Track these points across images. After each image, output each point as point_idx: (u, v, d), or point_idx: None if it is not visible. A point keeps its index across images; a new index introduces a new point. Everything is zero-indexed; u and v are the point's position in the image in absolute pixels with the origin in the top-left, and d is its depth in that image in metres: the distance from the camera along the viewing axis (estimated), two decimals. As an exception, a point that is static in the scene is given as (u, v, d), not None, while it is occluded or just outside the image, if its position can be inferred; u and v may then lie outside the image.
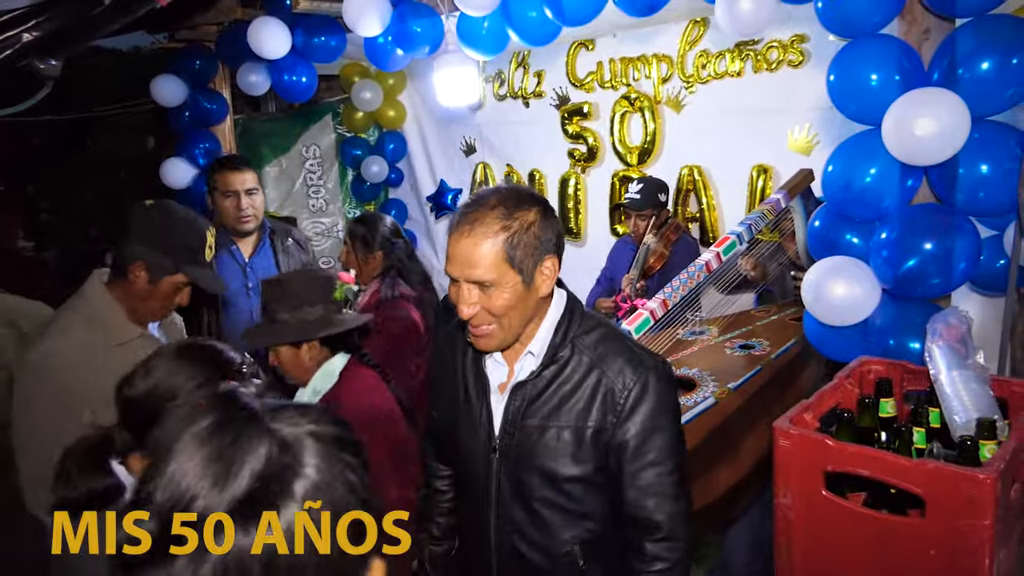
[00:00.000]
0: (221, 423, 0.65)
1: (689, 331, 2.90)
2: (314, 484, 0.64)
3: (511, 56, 4.16)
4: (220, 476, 0.61)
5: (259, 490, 0.61)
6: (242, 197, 3.00)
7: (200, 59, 4.08)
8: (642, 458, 1.43)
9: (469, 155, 4.62)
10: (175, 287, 2.04)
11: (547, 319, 1.50)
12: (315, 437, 0.67)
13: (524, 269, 1.39)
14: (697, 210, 3.64)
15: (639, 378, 1.43)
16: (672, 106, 3.63)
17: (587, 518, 1.48)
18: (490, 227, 1.37)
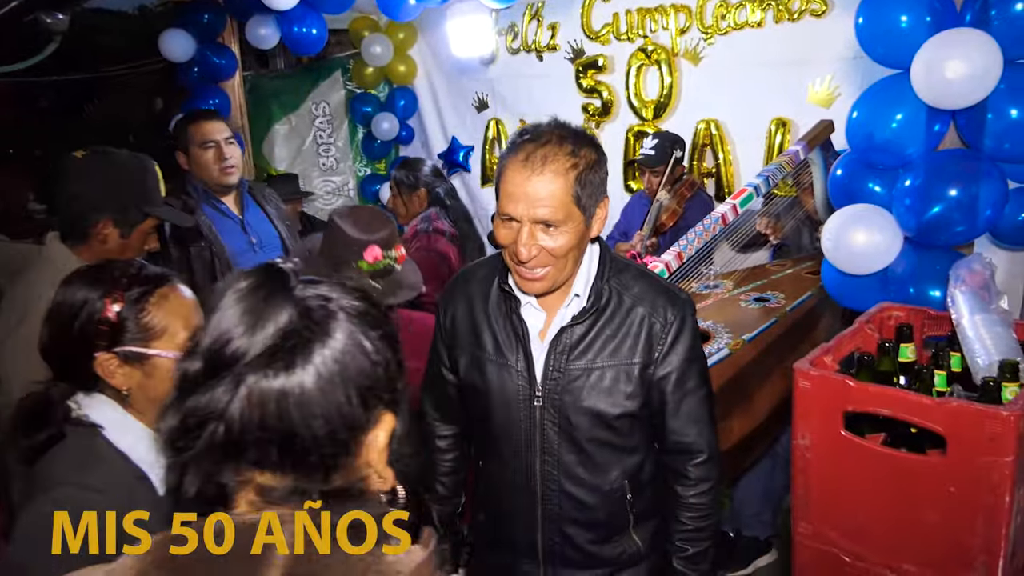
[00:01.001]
0: (256, 285, 0.75)
1: (703, 284, 2.88)
2: (334, 350, 0.74)
3: (524, 8, 4.07)
4: (250, 326, 0.73)
5: (282, 344, 0.72)
6: (223, 146, 2.78)
7: (208, 12, 4.02)
8: (684, 387, 1.48)
9: (481, 111, 4.56)
10: (144, 235, 1.97)
11: (586, 261, 1.50)
12: (344, 310, 0.77)
13: (587, 209, 1.37)
14: (713, 165, 3.59)
15: (678, 312, 1.48)
16: (690, 58, 3.56)
17: (634, 452, 1.53)
18: (562, 164, 1.33)
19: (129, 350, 1.25)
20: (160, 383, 1.27)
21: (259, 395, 0.71)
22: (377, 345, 0.78)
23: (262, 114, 4.88)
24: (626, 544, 1.56)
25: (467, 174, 4.77)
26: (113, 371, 1.25)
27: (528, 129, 1.41)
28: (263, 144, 4.92)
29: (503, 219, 1.39)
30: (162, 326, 1.27)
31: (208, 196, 2.80)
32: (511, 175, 1.35)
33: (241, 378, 0.71)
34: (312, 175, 5.13)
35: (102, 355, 1.24)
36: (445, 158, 4.81)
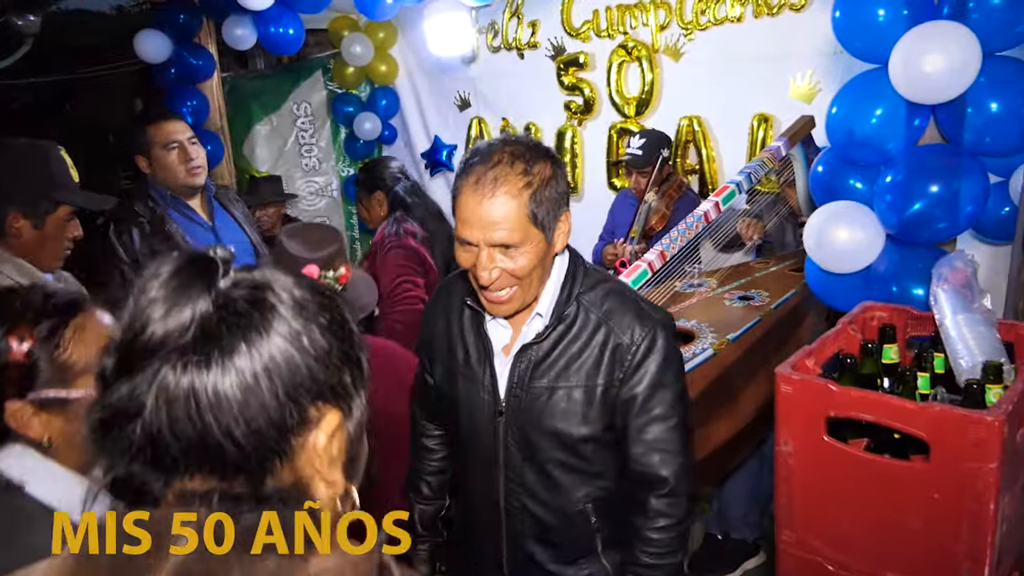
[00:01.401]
0: (177, 270, 0.67)
1: (687, 283, 2.86)
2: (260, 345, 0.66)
3: (505, 5, 4.03)
4: (165, 312, 0.65)
5: (200, 336, 0.65)
6: (187, 146, 2.67)
7: (184, 13, 3.95)
8: (648, 413, 1.41)
9: (463, 110, 4.51)
10: (61, 223, 1.88)
11: (552, 278, 1.45)
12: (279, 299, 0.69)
13: (546, 226, 1.33)
14: (697, 162, 3.56)
15: (647, 333, 1.41)
16: (670, 55, 3.53)
17: (599, 477, 1.47)
18: (514, 185, 1.29)
19: (45, 396, 1.07)
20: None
21: (169, 393, 0.63)
22: (316, 337, 0.69)
23: (242, 115, 4.81)
24: (593, 568, 1.51)
25: (451, 173, 4.72)
26: (28, 421, 1.08)
27: (478, 148, 1.37)
28: (244, 145, 4.85)
29: (461, 243, 1.36)
30: (82, 363, 1.09)
31: (176, 202, 2.69)
32: (464, 199, 1.32)
33: (156, 371, 0.64)
34: (295, 176, 5.07)
35: (12, 405, 1.07)
36: (428, 157, 4.77)
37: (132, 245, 2.59)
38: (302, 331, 0.68)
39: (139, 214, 2.62)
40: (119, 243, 2.59)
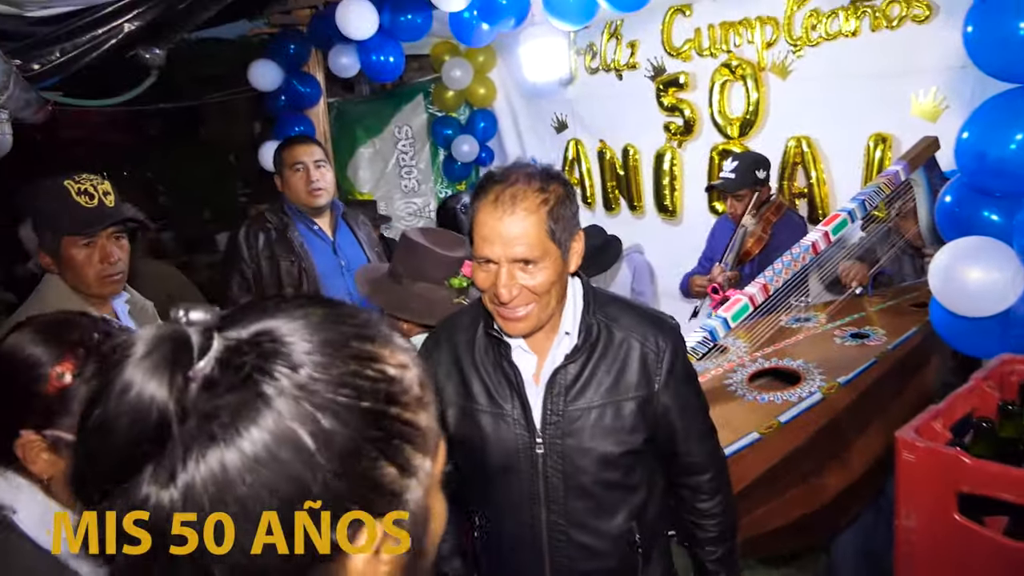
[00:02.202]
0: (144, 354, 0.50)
1: (793, 318, 2.67)
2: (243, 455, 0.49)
3: (603, 27, 3.96)
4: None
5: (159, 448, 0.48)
6: (311, 169, 2.84)
7: (294, 43, 4.13)
8: (688, 411, 1.47)
9: (560, 132, 4.48)
10: (79, 247, 1.82)
11: (572, 298, 1.46)
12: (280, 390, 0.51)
13: (563, 243, 1.35)
14: (806, 185, 3.35)
15: (667, 338, 1.45)
16: (778, 72, 3.35)
17: (638, 489, 1.47)
18: (532, 201, 1.31)
19: (60, 436, 1.01)
20: None
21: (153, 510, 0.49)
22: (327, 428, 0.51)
23: (347, 138, 4.98)
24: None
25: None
26: (36, 456, 1.01)
27: (494, 172, 1.38)
28: (348, 167, 5.01)
29: (480, 263, 1.36)
30: None
31: (303, 216, 2.89)
32: (483, 218, 1.33)
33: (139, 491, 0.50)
34: (394, 197, 5.19)
35: (27, 435, 1.01)
36: (524, 179, 4.75)
37: (255, 246, 2.82)
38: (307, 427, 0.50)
39: (268, 221, 2.85)
40: (245, 243, 2.83)
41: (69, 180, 1.82)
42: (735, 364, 2.43)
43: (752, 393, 2.21)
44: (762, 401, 2.16)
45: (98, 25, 2.79)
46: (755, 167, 3.06)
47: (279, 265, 2.82)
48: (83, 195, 1.83)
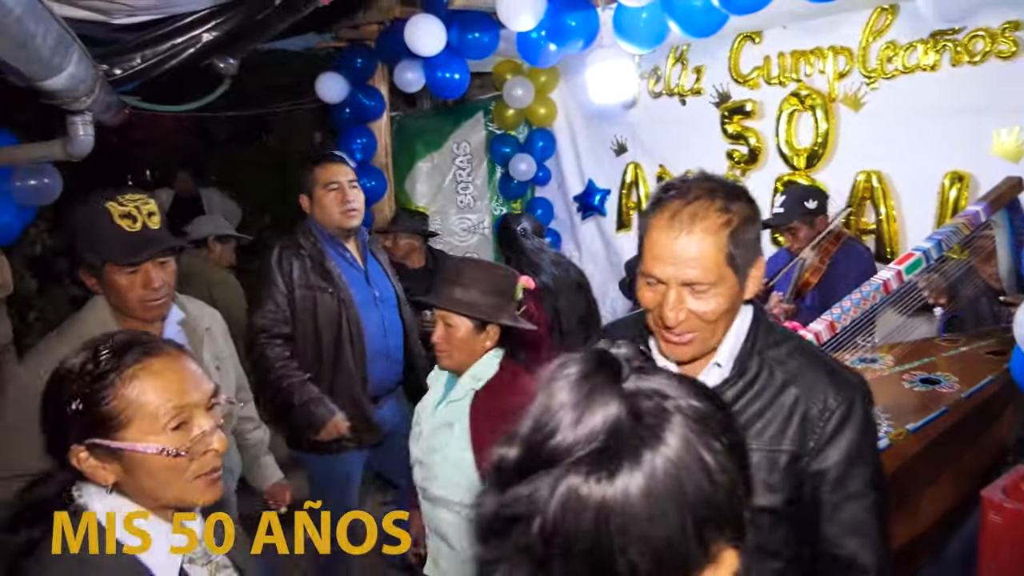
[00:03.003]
0: (586, 373, 0.66)
1: (858, 358, 2.57)
2: (667, 461, 0.62)
3: (668, 51, 3.94)
4: (575, 420, 0.63)
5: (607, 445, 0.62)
6: (346, 189, 2.70)
7: (361, 57, 4.21)
8: (843, 490, 1.25)
9: (620, 155, 4.45)
10: (123, 274, 1.79)
11: (735, 327, 1.32)
12: (681, 412, 0.65)
13: (741, 269, 1.24)
14: (874, 221, 3.25)
15: (843, 399, 1.25)
16: (850, 104, 3.27)
17: (775, 557, 1.29)
18: (713, 221, 1.20)
19: (98, 443, 1.05)
20: (142, 479, 1.07)
21: (576, 501, 0.61)
22: (720, 460, 0.64)
23: (407, 152, 5.04)
24: None
25: (602, 218, 4.65)
26: (89, 466, 1.06)
27: (673, 184, 1.27)
28: (406, 181, 5.07)
29: (648, 281, 1.26)
30: (129, 411, 1.05)
31: (333, 241, 2.75)
32: (656, 235, 1.23)
33: (561, 477, 0.62)
34: (449, 212, 5.22)
35: (75, 448, 1.05)
36: (580, 200, 4.73)
37: (290, 274, 2.66)
38: (705, 451, 0.64)
39: (302, 247, 2.70)
40: (278, 269, 2.65)
41: (112, 202, 1.77)
42: (795, 402, 2.35)
43: (812, 434, 2.13)
44: (823, 443, 2.07)
45: (178, 34, 2.88)
46: (804, 198, 3.00)
47: (316, 297, 2.66)
48: (126, 218, 1.78)
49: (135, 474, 1.06)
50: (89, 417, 1.04)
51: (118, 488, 1.08)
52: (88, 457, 1.05)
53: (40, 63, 1.67)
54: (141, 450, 1.05)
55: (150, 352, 1.09)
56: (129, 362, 1.06)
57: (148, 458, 1.06)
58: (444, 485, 1.93)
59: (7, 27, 1.29)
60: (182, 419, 1.09)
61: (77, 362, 1.07)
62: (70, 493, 1.07)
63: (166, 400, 1.07)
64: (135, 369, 1.06)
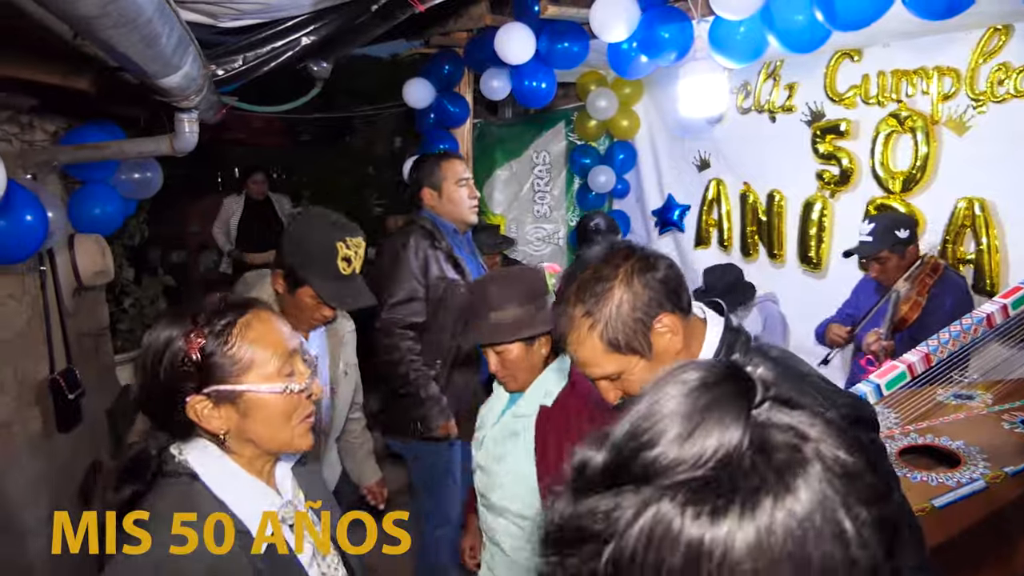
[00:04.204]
0: (709, 382, 0.55)
1: (953, 394, 2.45)
2: (793, 516, 0.50)
3: (760, 66, 3.85)
4: (684, 433, 0.52)
5: (717, 476, 0.51)
6: (471, 185, 2.83)
7: (449, 64, 4.27)
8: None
9: (702, 170, 4.37)
10: (313, 299, 1.97)
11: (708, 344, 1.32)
12: (823, 461, 0.52)
13: (636, 347, 1.25)
14: (974, 251, 3.09)
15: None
16: (953, 127, 3.12)
17: None
18: (579, 333, 1.26)
19: (219, 389, 1.13)
20: (258, 421, 1.15)
21: (664, 534, 0.50)
22: (864, 533, 0.51)
23: (486, 159, 5.09)
24: None
25: (680, 234, 4.58)
26: (207, 415, 1.14)
27: (559, 279, 1.37)
28: (484, 188, 5.12)
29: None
30: (248, 357, 1.14)
31: (455, 235, 2.82)
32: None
33: (652, 500, 0.51)
34: (525, 221, 5.24)
35: (193, 398, 1.13)
36: (659, 215, 4.67)
37: (425, 266, 2.72)
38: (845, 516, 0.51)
39: (436, 239, 2.75)
40: (415, 260, 2.70)
41: (341, 241, 1.96)
42: (883, 435, 2.25)
43: (902, 469, 2.04)
44: (914, 480, 1.98)
45: (279, 38, 2.98)
46: (895, 227, 2.88)
47: (447, 288, 2.72)
48: (344, 261, 1.97)
49: (251, 418, 1.15)
50: (211, 366, 1.12)
51: (222, 443, 1.16)
52: (208, 405, 1.13)
53: (162, 62, 1.76)
54: (266, 390, 1.14)
55: (255, 305, 1.20)
56: (242, 313, 1.16)
57: (267, 400, 1.15)
58: (505, 496, 1.91)
59: (141, 26, 1.36)
60: (290, 365, 1.18)
61: (185, 322, 1.14)
62: (168, 455, 1.15)
63: (277, 346, 1.17)
64: (248, 318, 1.16)
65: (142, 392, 1.17)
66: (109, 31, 1.31)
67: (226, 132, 7.52)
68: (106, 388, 3.67)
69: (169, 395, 1.13)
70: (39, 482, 2.71)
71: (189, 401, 1.12)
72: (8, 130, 2.74)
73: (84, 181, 3.15)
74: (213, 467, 1.15)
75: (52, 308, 2.91)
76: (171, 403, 1.13)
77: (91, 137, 2.96)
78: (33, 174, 2.77)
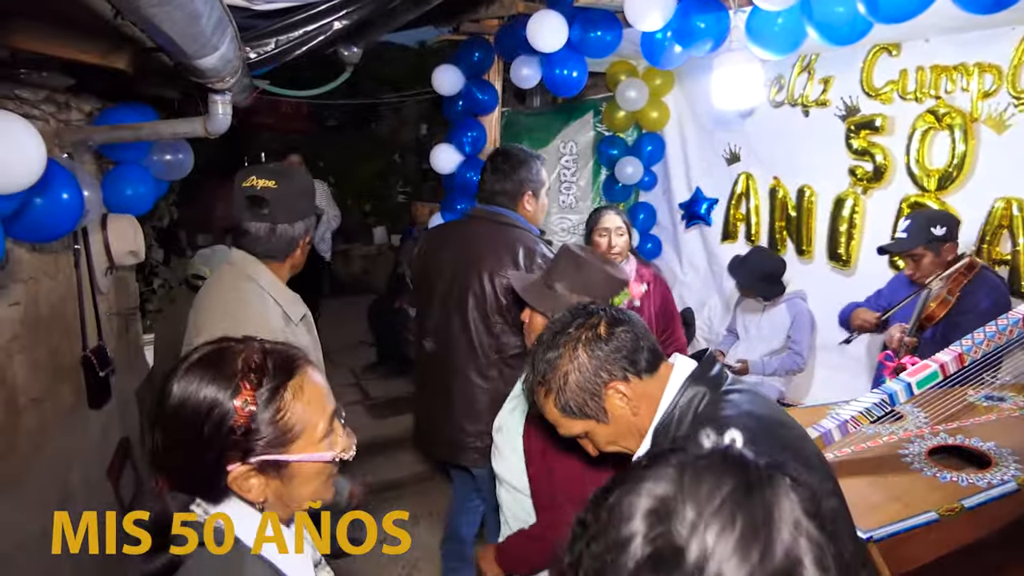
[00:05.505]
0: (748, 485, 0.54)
1: (984, 395, 2.41)
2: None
3: (795, 59, 3.79)
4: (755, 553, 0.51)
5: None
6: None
7: (479, 51, 4.25)
8: None
9: (732, 163, 4.33)
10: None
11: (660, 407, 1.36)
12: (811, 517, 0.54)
13: (590, 413, 1.34)
14: (1010, 252, 3.03)
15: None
16: (993, 126, 3.06)
17: None
18: (539, 394, 1.38)
19: (268, 459, 1.04)
20: (300, 488, 1.08)
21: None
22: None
23: (513, 148, 5.06)
24: None
25: (706, 228, 4.54)
26: (248, 484, 1.04)
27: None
28: (509, 177, 5.10)
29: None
30: (300, 426, 1.05)
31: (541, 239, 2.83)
32: None
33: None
34: (551, 211, 5.21)
35: (237, 468, 1.03)
36: (686, 208, 4.63)
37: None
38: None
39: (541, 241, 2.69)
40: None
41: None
42: (912, 434, 2.23)
43: (932, 469, 2.02)
44: (943, 480, 1.96)
45: (311, 21, 2.99)
46: (931, 224, 2.82)
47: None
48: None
49: (292, 485, 1.07)
50: (261, 434, 1.03)
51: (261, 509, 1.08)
52: (252, 475, 1.04)
53: (201, 41, 1.77)
54: (316, 459, 1.07)
55: (302, 362, 1.10)
56: (292, 374, 1.07)
57: (310, 466, 1.08)
58: (505, 467, 1.99)
59: (183, 4, 1.37)
60: (331, 426, 1.11)
61: (230, 382, 1.03)
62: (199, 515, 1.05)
63: (322, 410, 1.09)
64: (299, 380, 1.07)
65: (169, 452, 1.04)
66: (153, 8, 1.32)
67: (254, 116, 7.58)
68: (135, 367, 3.73)
69: (210, 461, 1.02)
70: (71, 458, 2.76)
71: (232, 470, 1.02)
72: (45, 109, 2.78)
73: (118, 161, 3.18)
74: (253, 531, 1.05)
75: (85, 286, 2.96)
76: (211, 469, 1.02)
77: (125, 118, 2.99)
78: (69, 153, 2.81)
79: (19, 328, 2.49)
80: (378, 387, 5.70)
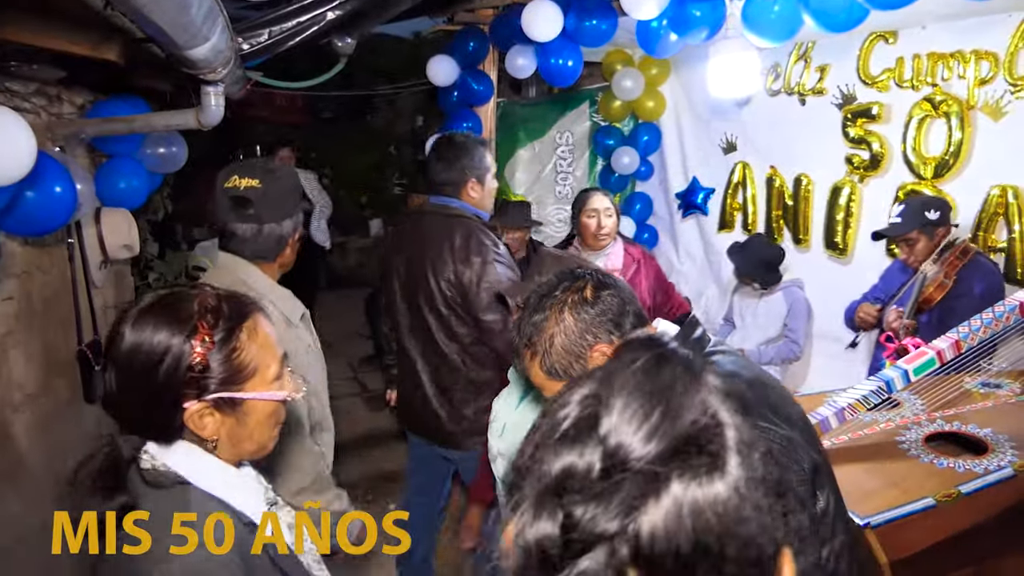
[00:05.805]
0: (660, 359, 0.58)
1: (980, 382, 2.42)
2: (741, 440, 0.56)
3: (792, 47, 3.78)
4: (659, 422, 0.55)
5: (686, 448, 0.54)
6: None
7: (474, 41, 4.23)
8: None
9: (728, 153, 4.32)
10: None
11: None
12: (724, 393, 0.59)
13: (575, 375, 1.34)
14: (1006, 239, 3.03)
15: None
16: (989, 113, 3.05)
17: None
18: (525, 357, 1.39)
19: (222, 396, 1.08)
20: (252, 427, 1.13)
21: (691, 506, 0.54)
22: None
23: (509, 139, 5.05)
24: None
25: (703, 217, 4.54)
26: (203, 422, 1.08)
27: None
28: (506, 168, 5.09)
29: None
30: (253, 364, 1.11)
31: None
32: None
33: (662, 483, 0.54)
34: (547, 202, 5.21)
35: (193, 405, 1.07)
36: (683, 198, 4.63)
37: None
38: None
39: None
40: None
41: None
42: (909, 421, 2.23)
43: (928, 455, 2.02)
44: (940, 466, 1.96)
45: (304, 12, 2.97)
46: (925, 208, 2.85)
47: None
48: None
49: (245, 423, 1.13)
50: (217, 372, 1.07)
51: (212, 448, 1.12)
52: (208, 412, 1.08)
53: (191, 31, 1.76)
54: (268, 397, 1.13)
55: (255, 307, 1.16)
56: (246, 316, 1.13)
57: (262, 406, 1.14)
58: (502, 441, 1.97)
59: (173, -7, 1.36)
60: (281, 369, 1.18)
61: (185, 325, 1.06)
62: (146, 458, 1.08)
63: (274, 353, 1.16)
64: (252, 322, 1.13)
65: (124, 395, 1.07)
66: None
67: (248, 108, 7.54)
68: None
69: (166, 401, 1.06)
70: (66, 451, 2.76)
71: (188, 407, 1.06)
72: (37, 102, 2.76)
73: (110, 155, 3.17)
74: (203, 469, 1.10)
75: (79, 280, 2.95)
76: (166, 409, 1.06)
77: (118, 110, 2.98)
78: (61, 147, 2.80)
79: (13, 323, 2.48)
80: (375, 379, 5.70)
